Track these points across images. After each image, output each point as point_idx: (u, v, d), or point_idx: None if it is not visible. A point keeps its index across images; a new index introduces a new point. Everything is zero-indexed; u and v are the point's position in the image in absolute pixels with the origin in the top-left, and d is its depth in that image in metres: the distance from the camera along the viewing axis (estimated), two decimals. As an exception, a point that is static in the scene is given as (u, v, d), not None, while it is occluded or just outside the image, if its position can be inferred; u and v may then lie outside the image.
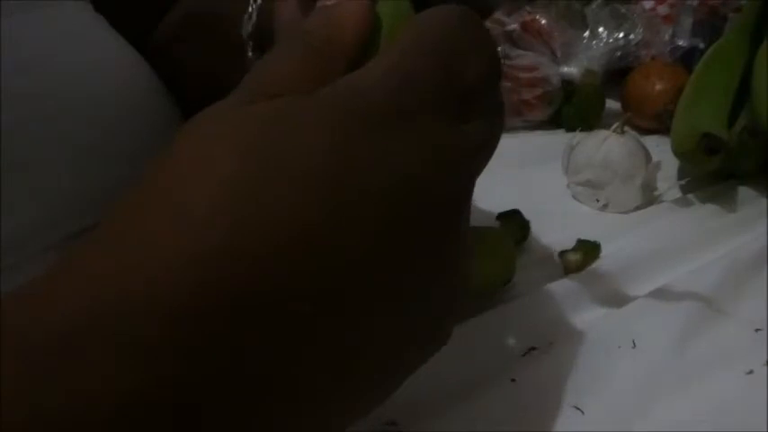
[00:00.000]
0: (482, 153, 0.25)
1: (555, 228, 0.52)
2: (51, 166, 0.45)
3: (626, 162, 0.55)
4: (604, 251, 0.50)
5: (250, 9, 0.52)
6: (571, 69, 0.70)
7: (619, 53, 0.71)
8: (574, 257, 0.49)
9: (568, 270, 0.49)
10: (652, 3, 0.76)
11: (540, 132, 0.70)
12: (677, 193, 0.58)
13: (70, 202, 0.46)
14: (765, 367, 0.39)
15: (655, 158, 0.56)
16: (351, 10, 0.27)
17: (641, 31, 0.71)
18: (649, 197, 0.57)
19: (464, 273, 0.25)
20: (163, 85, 0.53)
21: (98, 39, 0.49)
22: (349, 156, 0.21)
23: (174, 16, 0.59)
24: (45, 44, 0.45)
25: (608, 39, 0.71)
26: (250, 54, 0.52)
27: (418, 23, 0.25)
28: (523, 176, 0.60)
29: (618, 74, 0.72)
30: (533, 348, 0.41)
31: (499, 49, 0.70)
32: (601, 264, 0.48)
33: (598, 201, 0.56)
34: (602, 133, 0.57)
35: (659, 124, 0.66)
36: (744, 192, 0.56)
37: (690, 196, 0.57)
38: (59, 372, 0.18)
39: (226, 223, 0.19)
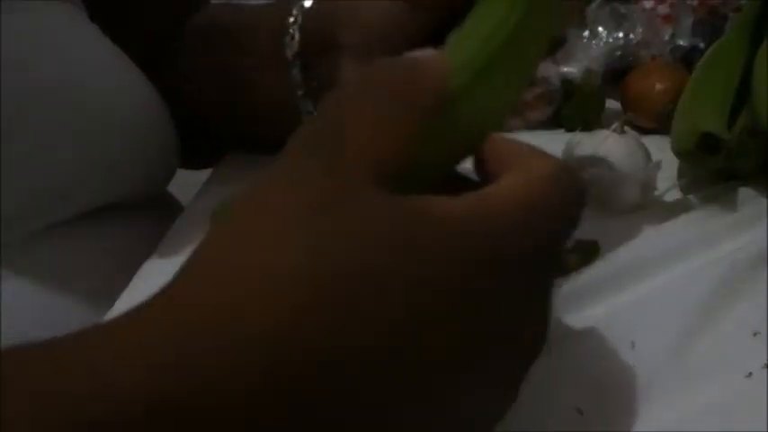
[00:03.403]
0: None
1: (554, 228, 0.52)
2: (51, 151, 0.45)
3: (626, 162, 0.55)
4: (604, 251, 0.50)
5: (291, 31, 0.51)
6: (571, 69, 0.70)
7: (619, 53, 0.71)
8: (573, 257, 0.49)
9: (567, 270, 0.49)
10: (652, 2, 0.76)
11: (540, 132, 0.70)
12: (677, 194, 0.57)
13: (67, 185, 0.47)
14: (765, 370, 0.39)
15: (655, 158, 0.56)
16: None
17: (641, 30, 0.71)
18: (649, 197, 0.57)
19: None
20: (157, 94, 0.53)
21: (91, 42, 0.50)
22: (470, 301, 0.23)
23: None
24: (37, 44, 0.45)
25: (608, 39, 0.71)
26: (296, 74, 0.51)
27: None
28: (523, 176, 0.60)
29: (618, 74, 0.72)
30: (533, 349, 0.41)
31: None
32: (600, 264, 0.48)
33: (598, 201, 0.56)
34: (602, 133, 0.57)
35: (659, 124, 0.66)
36: (744, 192, 0.56)
37: (690, 197, 0.57)
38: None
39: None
